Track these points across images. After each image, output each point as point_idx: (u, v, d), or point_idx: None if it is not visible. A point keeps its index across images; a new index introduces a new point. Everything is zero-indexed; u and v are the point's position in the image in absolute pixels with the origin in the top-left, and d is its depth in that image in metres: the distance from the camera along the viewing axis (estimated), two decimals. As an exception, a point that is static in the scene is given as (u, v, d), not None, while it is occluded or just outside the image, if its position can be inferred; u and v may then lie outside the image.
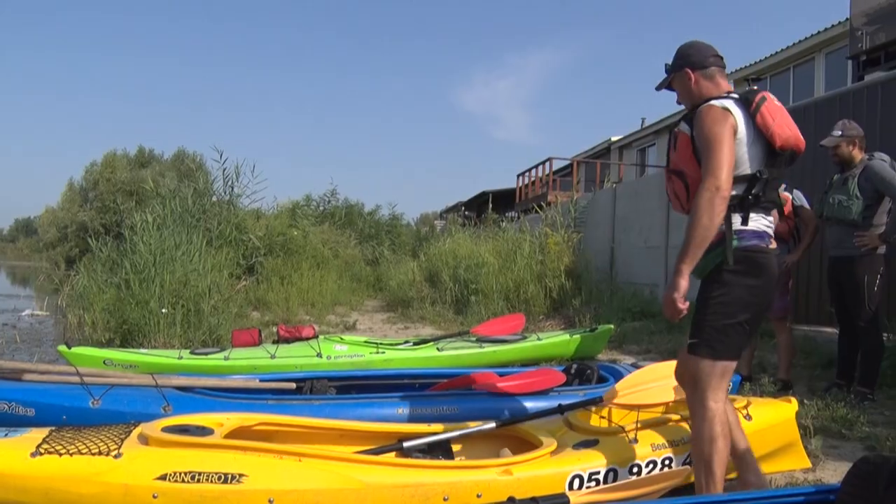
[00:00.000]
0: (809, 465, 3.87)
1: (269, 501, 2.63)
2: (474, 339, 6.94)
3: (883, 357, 5.60)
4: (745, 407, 3.65)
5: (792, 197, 5.95)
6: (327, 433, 3.41)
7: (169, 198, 13.31)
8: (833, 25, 15.46)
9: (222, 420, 3.18)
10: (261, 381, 4.52)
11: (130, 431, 2.90)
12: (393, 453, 3.20)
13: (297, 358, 6.13)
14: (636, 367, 4.52)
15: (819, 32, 16.34)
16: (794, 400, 3.93)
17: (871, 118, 6.84)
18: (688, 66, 3.12)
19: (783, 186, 6.03)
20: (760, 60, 18.38)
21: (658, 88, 3.28)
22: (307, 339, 6.52)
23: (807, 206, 5.95)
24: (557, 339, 7.18)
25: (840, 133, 5.45)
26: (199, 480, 2.62)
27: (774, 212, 3.17)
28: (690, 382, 2.92)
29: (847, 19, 12.15)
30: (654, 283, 11.56)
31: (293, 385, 4.56)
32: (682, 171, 3.00)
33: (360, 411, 3.90)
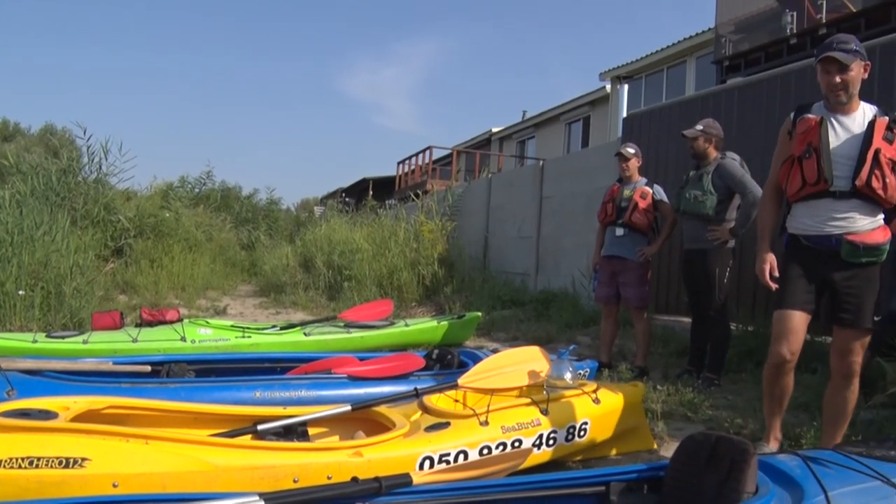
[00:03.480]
0: (655, 445, 4.09)
1: (114, 486, 2.57)
2: (342, 324, 6.94)
3: (729, 345, 5.94)
4: (595, 391, 3.81)
5: (652, 192, 6.21)
6: (181, 416, 3.35)
7: (31, 174, 12.74)
8: (704, 31, 16.14)
9: (69, 404, 3.08)
10: (115, 363, 4.40)
11: (-35, 418, 2.79)
12: (248, 436, 3.19)
13: (160, 342, 5.99)
14: (496, 353, 4.64)
15: (691, 37, 17.06)
16: (641, 385, 4.13)
17: (728, 119, 7.20)
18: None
19: (644, 181, 6.31)
20: (637, 60, 19.02)
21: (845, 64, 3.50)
22: (171, 322, 6.37)
23: (666, 200, 6.21)
24: (425, 326, 7.26)
25: (702, 128, 5.75)
26: (37, 466, 2.52)
27: None
28: (861, 350, 3.57)
29: (713, 27, 12.72)
30: (525, 272, 11.82)
31: (148, 368, 4.44)
32: None
33: (216, 395, 3.87)
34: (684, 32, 20.37)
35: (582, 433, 3.62)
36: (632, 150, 6.35)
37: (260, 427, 3.23)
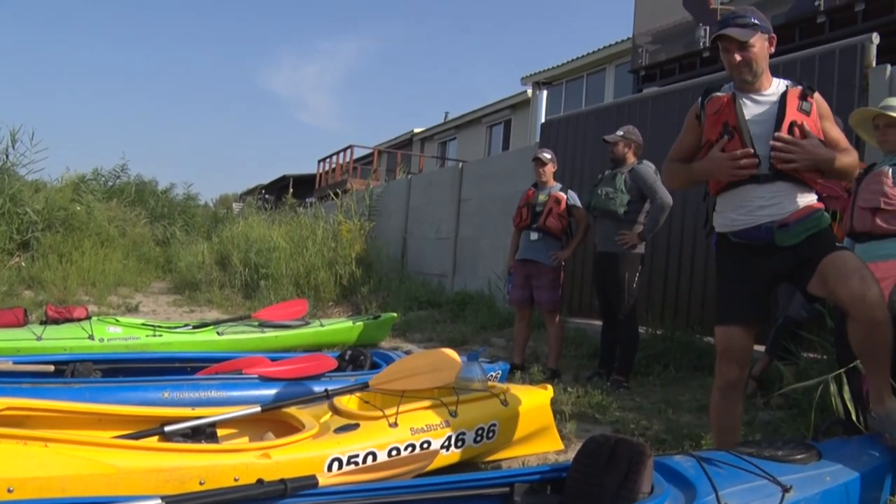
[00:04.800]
0: (562, 447, 4.15)
1: (8, 491, 2.49)
2: (256, 323, 6.88)
3: (638, 348, 6.10)
4: (504, 393, 3.86)
5: (567, 197, 6.32)
6: (84, 418, 3.27)
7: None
8: (622, 41, 16.45)
9: (-39, 405, 3.00)
10: (15, 363, 4.26)
11: None
12: (154, 438, 3.14)
13: (66, 340, 5.82)
14: (409, 354, 4.67)
15: (610, 45, 17.38)
16: (549, 387, 4.19)
17: (643, 128, 7.38)
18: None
19: (558, 186, 6.42)
20: (558, 66, 19.28)
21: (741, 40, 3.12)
22: (79, 320, 6.21)
23: (580, 206, 6.32)
24: (340, 326, 7.25)
25: (622, 134, 5.94)
26: (-76, 472, 2.45)
27: None
28: (863, 266, 2.96)
29: (632, 37, 12.99)
30: (442, 273, 11.89)
31: (52, 368, 4.31)
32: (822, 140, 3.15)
33: (123, 395, 3.79)
34: (604, 41, 20.72)
35: (490, 434, 3.67)
36: (548, 156, 6.45)
37: (166, 428, 3.19)
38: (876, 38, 5.86)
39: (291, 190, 26.28)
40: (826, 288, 2.96)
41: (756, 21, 3.12)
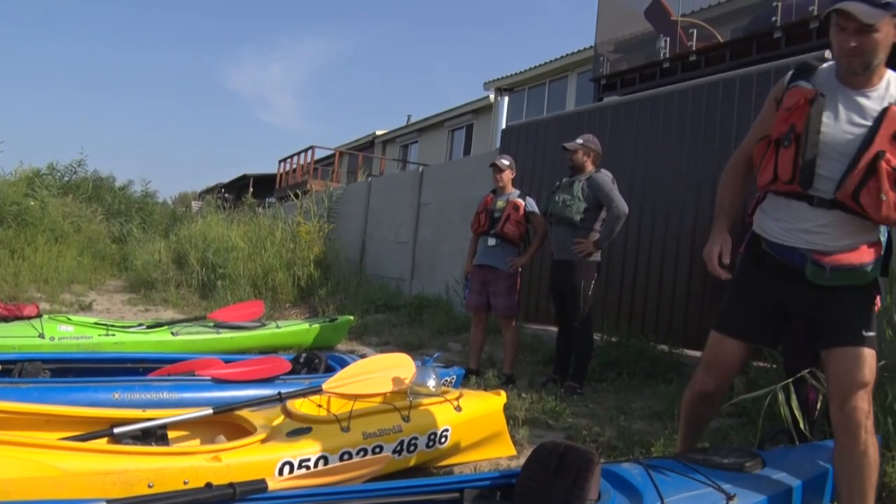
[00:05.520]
0: (514, 452, 4.18)
1: (-52, 494, 2.47)
2: (211, 324, 6.82)
3: (593, 355, 6.15)
4: (457, 399, 3.88)
5: (525, 203, 6.36)
6: (31, 419, 3.22)
7: None
8: (585, 49, 16.57)
9: None
10: (-40, 362, 4.20)
11: None
12: (103, 440, 3.10)
13: (14, 338, 5.69)
14: (364, 358, 4.67)
15: (573, 53, 17.51)
16: (503, 393, 4.22)
17: (602, 136, 7.46)
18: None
19: (517, 193, 6.46)
20: (520, 72, 19.39)
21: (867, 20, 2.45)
22: (29, 318, 6.08)
23: (538, 212, 6.36)
24: (296, 328, 7.22)
25: (582, 142, 5.98)
26: None
27: None
28: (862, 384, 2.57)
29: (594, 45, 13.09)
30: (400, 276, 11.89)
31: (-1, 367, 4.27)
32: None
33: (72, 396, 3.73)
34: (567, 48, 20.88)
35: (443, 440, 3.69)
36: (506, 162, 6.49)
37: (116, 430, 3.15)
38: (828, 54, 5.97)
39: (251, 189, 26.13)
40: (824, 373, 2.74)
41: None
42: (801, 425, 3.43)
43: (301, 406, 3.60)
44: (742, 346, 2.87)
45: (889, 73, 2.58)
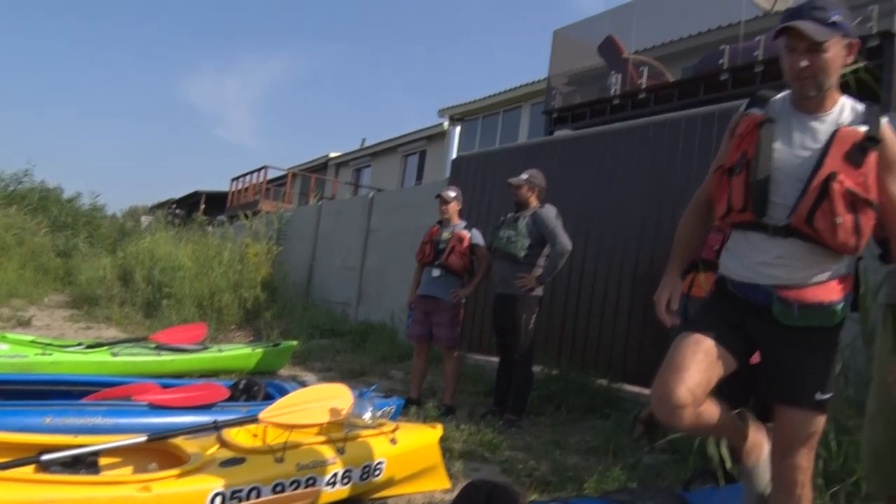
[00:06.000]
0: (449, 485, 4.20)
1: None
2: (153, 346, 6.74)
3: (532, 388, 6.22)
4: (393, 431, 3.91)
5: (470, 235, 6.43)
6: (-45, 444, 3.18)
7: None
8: (540, 80, 16.79)
9: None
10: None
11: None
12: (30, 467, 3.05)
13: (-57, 357, 5.62)
14: (304, 386, 4.67)
15: (527, 84, 17.74)
16: (439, 426, 4.25)
17: (550, 171, 7.58)
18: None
19: (462, 224, 6.53)
20: (474, 101, 19.57)
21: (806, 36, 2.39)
22: (-40, 335, 6.00)
23: (483, 245, 6.44)
24: (239, 352, 7.18)
25: (527, 177, 6.06)
26: None
27: None
28: (806, 443, 2.54)
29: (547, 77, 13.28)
30: (347, 302, 11.88)
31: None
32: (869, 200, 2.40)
33: (0, 420, 3.68)
34: (523, 79, 21.12)
35: (377, 472, 3.70)
36: (452, 194, 6.57)
37: (44, 457, 3.09)
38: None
39: (203, 206, 25.90)
40: (773, 429, 2.61)
41: (836, 18, 2.39)
42: (730, 464, 3.51)
43: (236, 435, 3.58)
44: (714, 347, 2.52)
45: (843, 98, 2.53)
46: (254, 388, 4.80)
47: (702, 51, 10.98)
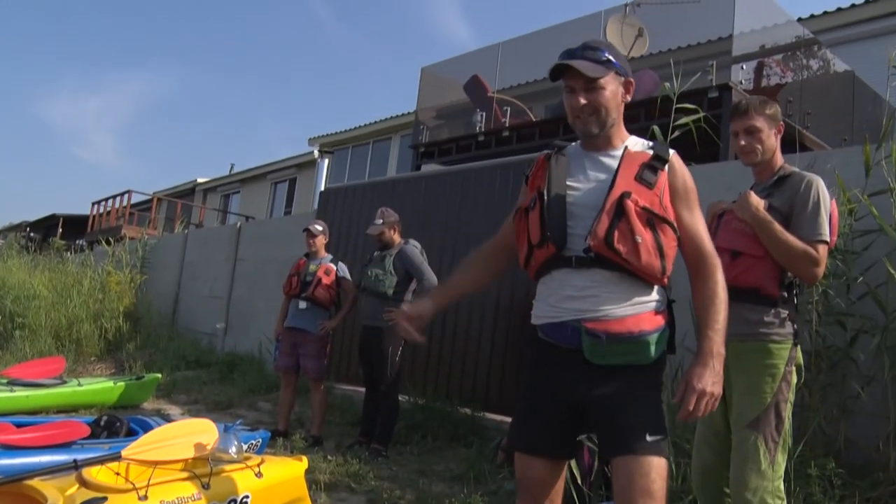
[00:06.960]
0: (315, 517, 4.29)
1: None
2: (5, 381, 6.50)
3: (398, 418, 6.35)
4: (259, 465, 3.95)
5: (336, 268, 6.57)
6: None
7: None
8: (409, 112, 17.07)
9: None
10: None
11: None
12: None
13: None
14: (168, 421, 4.65)
15: (397, 116, 18.01)
16: (305, 459, 4.32)
17: (415, 206, 7.77)
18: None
19: (329, 258, 6.65)
20: (346, 130, 19.72)
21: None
22: None
23: (349, 278, 6.58)
24: (100, 386, 7.02)
25: (382, 221, 6.20)
26: None
27: None
28: (646, 495, 2.22)
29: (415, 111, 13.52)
30: (213, 332, 11.72)
31: None
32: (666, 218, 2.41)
33: None
34: (394, 110, 21.44)
35: (242, 506, 3.75)
36: (319, 228, 6.69)
37: None
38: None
39: (60, 230, 24.90)
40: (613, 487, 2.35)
41: (609, 57, 2.41)
42: (580, 482, 3.75)
43: (98, 474, 3.54)
44: (544, 464, 2.42)
45: (631, 137, 2.52)
46: (116, 425, 4.74)
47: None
